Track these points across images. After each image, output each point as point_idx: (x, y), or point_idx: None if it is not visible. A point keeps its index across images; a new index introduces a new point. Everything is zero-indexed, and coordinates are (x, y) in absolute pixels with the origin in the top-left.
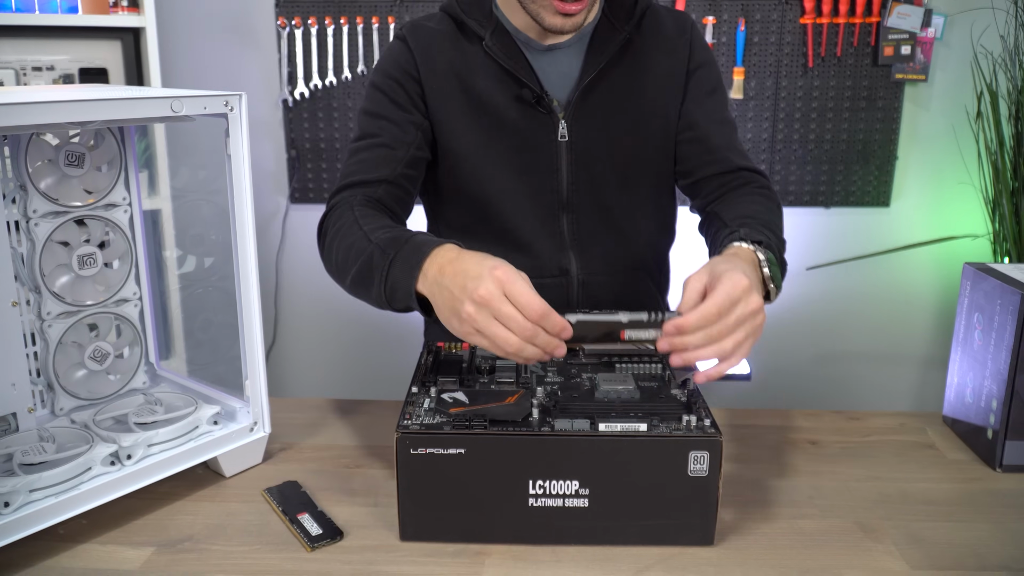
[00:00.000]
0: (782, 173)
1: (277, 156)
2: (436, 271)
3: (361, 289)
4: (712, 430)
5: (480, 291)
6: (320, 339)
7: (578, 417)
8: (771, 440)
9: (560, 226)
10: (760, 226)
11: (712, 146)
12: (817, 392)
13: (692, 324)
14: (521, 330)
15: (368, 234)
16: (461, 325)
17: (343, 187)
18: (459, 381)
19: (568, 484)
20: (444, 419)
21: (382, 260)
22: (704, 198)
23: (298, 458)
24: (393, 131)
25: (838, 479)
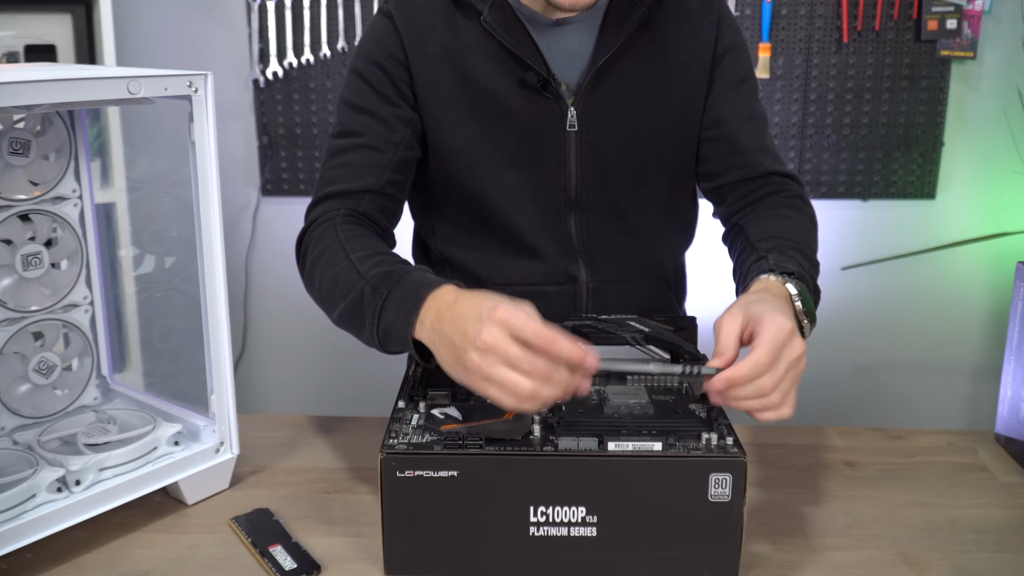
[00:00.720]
0: (813, 162)
1: (247, 143)
2: (434, 318)
3: (350, 327)
4: (735, 450)
5: (483, 336)
6: (295, 348)
7: (585, 435)
8: (802, 461)
9: (568, 227)
10: (791, 250)
11: (740, 147)
12: (854, 407)
13: (745, 377)
14: (533, 370)
15: (356, 264)
16: (467, 375)
17: (324, 197)
18: (451, 395)
19: (574, 511)
20: (434, 438)
21: (373, 300)
22: (729, 206)
23: (270, 483)
24: (378, 129)
25: (878, 505)
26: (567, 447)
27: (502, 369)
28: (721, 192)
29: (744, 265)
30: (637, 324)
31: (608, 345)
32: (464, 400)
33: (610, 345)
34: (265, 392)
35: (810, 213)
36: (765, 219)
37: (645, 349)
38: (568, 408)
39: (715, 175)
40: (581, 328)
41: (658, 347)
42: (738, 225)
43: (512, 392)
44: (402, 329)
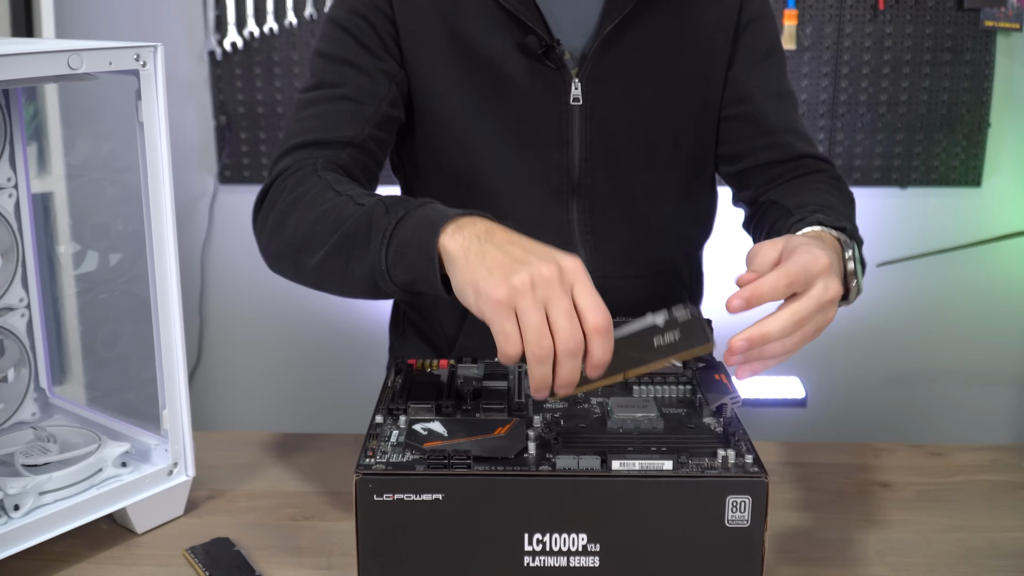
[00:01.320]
0: (845, 144)
1: (202, 124)
2: (482, 230)
3: (340, 264)
4: (755, 469)
5: (550, 266)
6: (259, 356)
7: (586, 453)
8: (831, 482)
9: (569, 214)
10: (836, 215)
11: (768, 126)
12: (889, 421)
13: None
14: (567, 338)
15: (355, 198)
16: (498, 289)
17: (294, 147)
18: (435, 408)
19: (574, 539)
20: (416, 456)
21: (386, 218)
22: (755, 190)
23: (230, 508)
24: (360, 81)
25: (915, 530)
26: (566, 466)
27: (539, 313)
28: (745, 176)
29: (782, 229)
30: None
31: None
32: (450, 414)
33: None
34: (224, 407)
35: (849, 194)
36: (803, 192)
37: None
38: (567, 423)
39: (739, 157)
40: None
41: None
42: (768, 201)
43: (528, 340)
44: (426, 238)
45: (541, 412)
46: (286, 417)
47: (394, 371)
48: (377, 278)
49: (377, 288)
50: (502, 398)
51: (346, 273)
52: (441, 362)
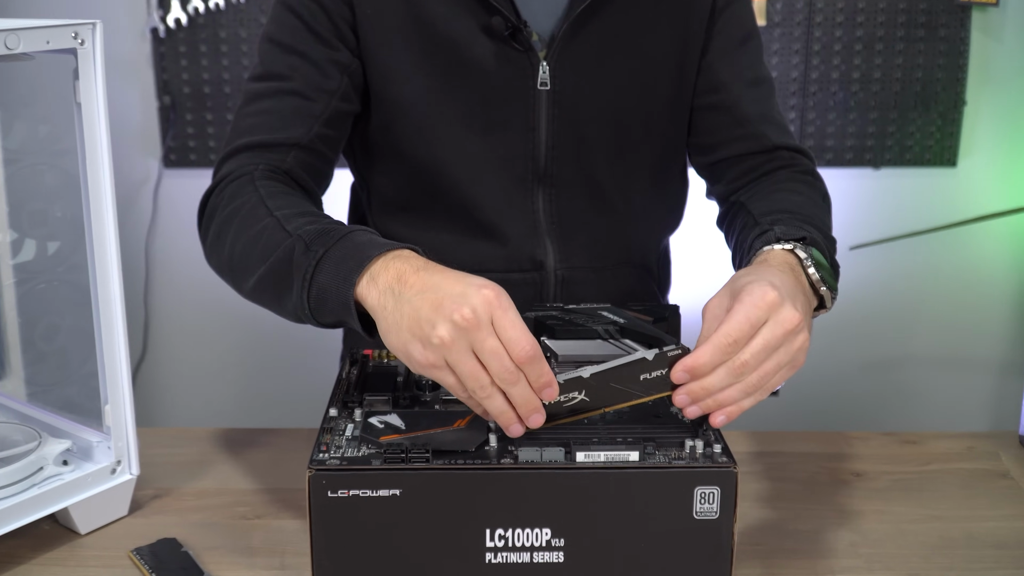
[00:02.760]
0: (817, 123)
1: (145, 105)
2: (393, 279)
3: (270, 296)
4: (724, 459)
5: (464, 311)
6: (206, 349)
7: (549, 445)
8: (803, 472)
9: (534, 204)
10: (800, 222)
11: (742, 116)
12: (863, 408)
13: (705, 361)
14: (500, 371)
15: (283, 222)
16: (425, 354)
17: (238, 149)
18: (392, 400)
19: (537, 533)
20: (373, 451)
21: (306, 258)
22: (727, 184)
23: (177, 508)
24: (310, 74)
25: (889, 520)
26: (529, 459)
27: (469, 358)
28: (719, 168)
29: (744, 244)
30: (610, 315)
31: (576, 340)
32: (407, 407)
33: (578, 340)
34: (170, 401)
35: (822, 190)
36: (770, 194)
37: (619, 343)
38: None
39: (712, 148)
40: (545, 320)
41: (635, 340)
42: (738, 203)
43: (466, 384)
44: (343, 289)
45: None
46: (236, 412)
47: (349, 362)
48: (303, 319)
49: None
50: None
51: (277, 305)
52: None
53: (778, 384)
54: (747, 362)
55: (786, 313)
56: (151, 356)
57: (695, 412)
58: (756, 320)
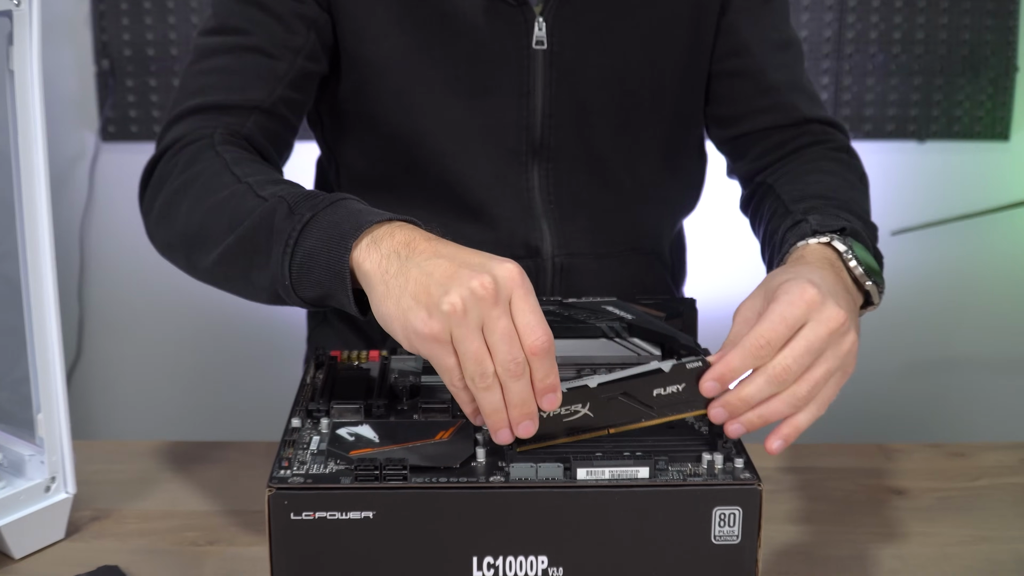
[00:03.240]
0: (854, 91)
1: (81, 71)
2: (400, 243)
3: (238, 270)
4: (747, 475)
5: (484, 279)
6: (149, 350)
7: (546, 460)
8: (836, 489)
9: (529, 181)
10: (836, 209)
11: (767, 84)
12: (904, 417)
13: (736, 366)
14: (507, 359)
15: (255, 187)
16: (429, 323)
17: (189, 111)
18: (364, 409)
19: (532, 562)
20: (342, 467)
21: (289, 221)
22: (752, 161)
23: (120, 532)
24: (272, 29)
25: (933, 543)
26: (522, 477)
27: (476, 337)
28: (741, 143)
29: (776, 236)
30: (616, 310)
31: (577, 339)
32: (382, 416)
33: (580, 339)
34: (110, 411)
35: (859, 169)
36: (802, 175)
37: (627, 343)
38: None
39: (733, 120)
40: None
41: (644, 339)
42: (765, 185)
43: (466, 367)
44: (336, 252)
45: None
46: (185, 423)
47: (313, 365)
48: (281, 292)
49: (281, 300)
50: (445, 395)
51: (246, 281)
52: (371, 353)
53: (833, 396)
54: (789, 367)
55: (829, 311)
56: (86, 359)
57: (737, 430)
58: (794, 320)
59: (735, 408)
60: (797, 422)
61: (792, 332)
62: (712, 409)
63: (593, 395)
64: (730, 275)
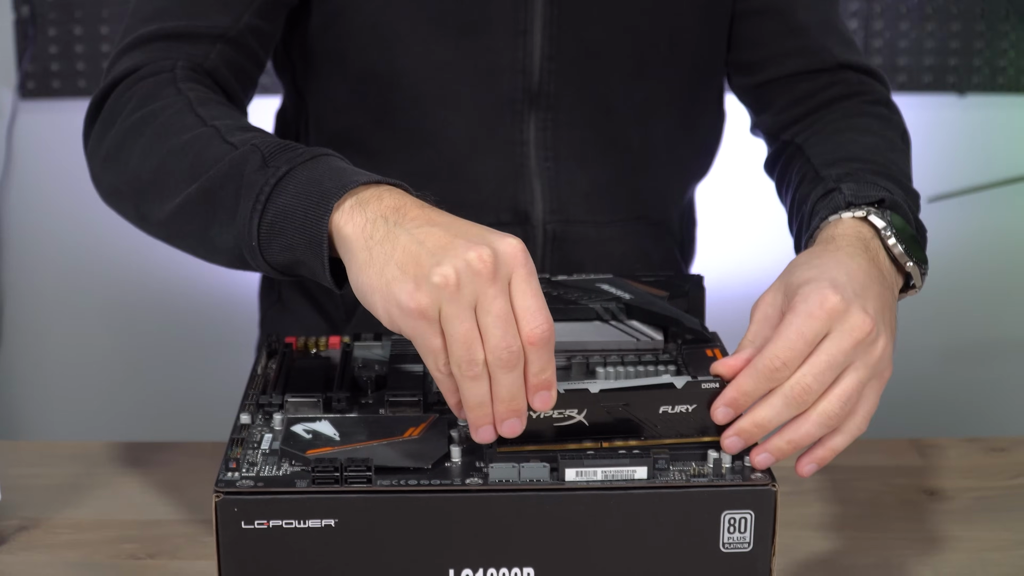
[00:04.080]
0: (885, 36)
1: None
2: (389, 208)
3: (198, 224)
4: (760, 475)
5: (483, 252)
6: (80, 338)
7: (530, 460)
8: (862, 490)
9: (523, 133)
10: (873, 175)
11: (797, 24)
12: (940, 409)
13: (747, 391)
14: (500, 346)
15: (223, 132)
16: (416, 296)
17: (144, 39)
18: (323, 403)
19: (516, 574)
20: (298, 468)
21: (262, 174)
22: (778, 113)
23: (50, 543)
24: None
25: (968, 548)
26: (503, 478)
27: (467, 315)
28: (766, 92)
29: (805, 207)
30: (613, 288)
31: (568, 321)
32: (343, 411)
33: (571, 321)
34: (35, 408)
35: (900, 126)
36: (835, 134)
37: (625, 326)
38: None
39: (758, 66)
40: None
41: (644, 322)
42: (793, 145)
43: (453, 350)
44: (314, 213)
45: None
46: (121, 421)
47: (265, 354)
48: (246, 254)
49: (245, 263)
50: (415, 387)
51: (204, 238)
52: (331, 340)
53: (873, 407)
54: (808, 386)
55: (854, 320)
56: (7, 348)
57: (765, 460)
58: (813, 335)
59: (750, 435)
60: (834, 444)
61: (811, 347)
62: (725, 439)
63: (592, 401)
64: (745, 250)
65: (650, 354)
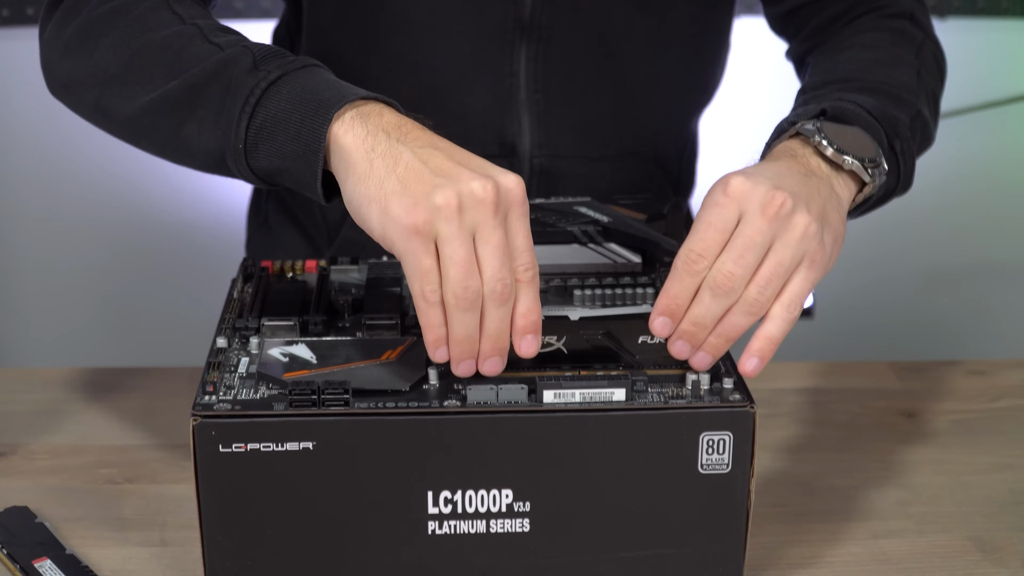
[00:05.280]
0: None
1: None
2: (391, 124)
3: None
4: (738, 396)
5: (487, 183)
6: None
7: (508, 382)
8: (840, 412)
9: (513, 64)
10: (853, 91)
11: None
12: (919, 332)
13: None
14: (496, 277)
15: (206, 32)
16: (413, 212)
17: None
18: (300, 326)
19: (495, 496)
20: (275, 392)
21: (252, 76)
22: (805, 40)
23: (28, 469)
24: None
25: (947, 471)
26: (481, 401)
27: (465, 240)
28: (795, 19)
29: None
30: (591, 211)
31: (546, 244)
32: (320, 334)
33: (549, 244)
34: (12, 333)
35: (917, 39)
36: (837, 53)
37: (602, 249)
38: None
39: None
40: None
41: (622, 245)
42: (806, 66)
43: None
44: (310, 120)
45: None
46: (98, 347)
47: (242, 277)
48: (228, 156)
49: (223, 167)
50: (392, 309)
51: (178, 137)
52: (307, 263)
53: (802, 292)
54: (731, 273)
55: (763, 195)
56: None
57: (703, 359)
58: (723, 222)
59: (692, 335)
60: (767, 332)
61: (727, 235)
62: (672, 345)
63: (572, 329)
64: None
65: (628, 277)
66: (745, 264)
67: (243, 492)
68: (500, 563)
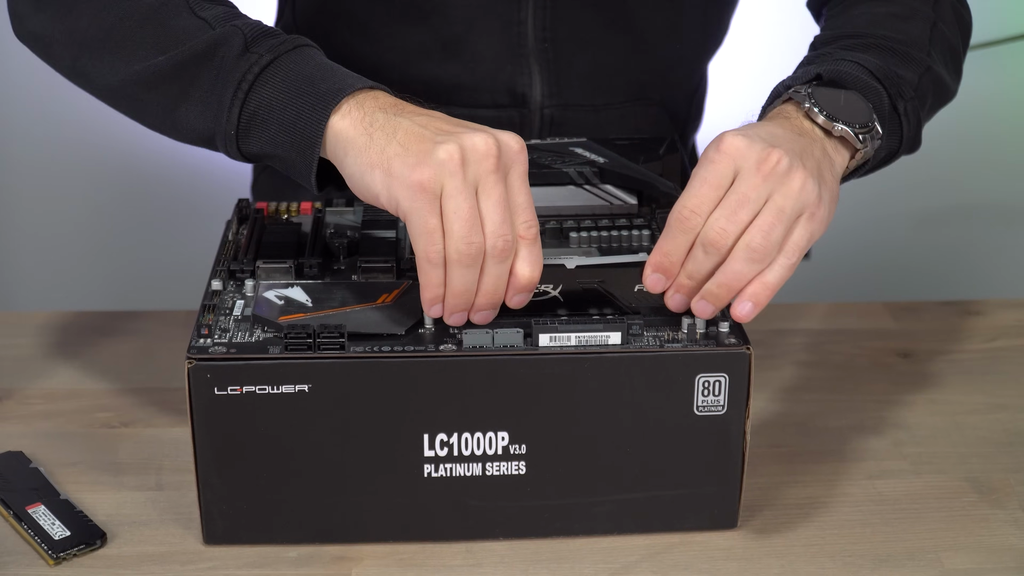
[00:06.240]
0: None
1: None
2: (388, 104)
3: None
4: (733, 339)
5: (488, 140)
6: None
7: (504, 325)
8: (835, 353)
9: (521, 12)
10: (858, 51)
11: None
12: (914, 272)
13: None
14: (498, 235)
15: (193, 6)
16: (418, 170)
17: None
18: (295, 269)
19: (491, 439)
20: (270, 335)
21: (243, 60)
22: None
23: (22, 414)
24: None
25: (943, 411)
26: (476, 344)
27: (469, 195)
28: None
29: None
30: (586, 152)
31: (542, 185)
32: (316, 277)
33: (545, 185)
34: (5, 277)
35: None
36: (848, 8)
37: (598, 190)
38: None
39: None
40: None
41: (618, 186)
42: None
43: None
44: (307, 112)
45: None
46: (93, 290)
47: (236, 219)
48: (218, 139)
49: (211, 145)
50: (388, 252)
51: (164, 114)
52: (302, 205)
53: (803, 244)
54: (724, 228)
55: (758, 153)
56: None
57: (705, 308)
58: (718, 178)
59: (688, 288)
60: (767, 279)
61: (721, 192)
62: (668, 299)
63: (568, 278)
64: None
65: (624, 218)
66: (739, 221)
67: (239, 435)
68: (496, 505)
